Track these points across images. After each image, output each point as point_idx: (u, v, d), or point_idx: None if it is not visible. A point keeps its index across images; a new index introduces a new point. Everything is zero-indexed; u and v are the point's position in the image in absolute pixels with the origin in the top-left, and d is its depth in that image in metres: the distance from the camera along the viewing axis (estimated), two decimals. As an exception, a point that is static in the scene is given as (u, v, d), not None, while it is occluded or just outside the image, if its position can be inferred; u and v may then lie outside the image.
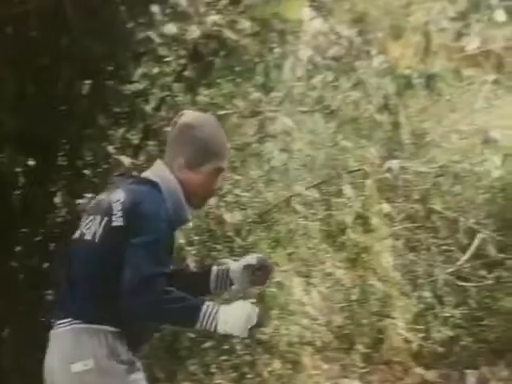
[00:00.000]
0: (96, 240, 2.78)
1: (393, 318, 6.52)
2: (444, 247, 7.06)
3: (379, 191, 6.21)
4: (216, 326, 2.72)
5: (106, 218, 2.79)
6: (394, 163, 6.16)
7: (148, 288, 2.69)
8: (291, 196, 5.96)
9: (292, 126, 5.61)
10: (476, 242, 6.94)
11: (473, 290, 7.14)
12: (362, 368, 6.60)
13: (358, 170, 6.27)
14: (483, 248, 6.95)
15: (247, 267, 3.13)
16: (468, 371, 6.52)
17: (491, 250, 6.92)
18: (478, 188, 7.24)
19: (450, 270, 6.83)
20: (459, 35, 6.02)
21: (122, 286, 2.68)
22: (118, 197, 2.83)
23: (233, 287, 3.16)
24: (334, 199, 6.19)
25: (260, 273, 3.15)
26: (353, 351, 6.46)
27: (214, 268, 3.16)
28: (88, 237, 2.80)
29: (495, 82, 6.74)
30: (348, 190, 6.11)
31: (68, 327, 2.77)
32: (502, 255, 7.12)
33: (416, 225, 6.95)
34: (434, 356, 6.91)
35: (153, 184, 2.88)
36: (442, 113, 6.99)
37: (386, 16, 5.89)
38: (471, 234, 7.03)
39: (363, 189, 6.16)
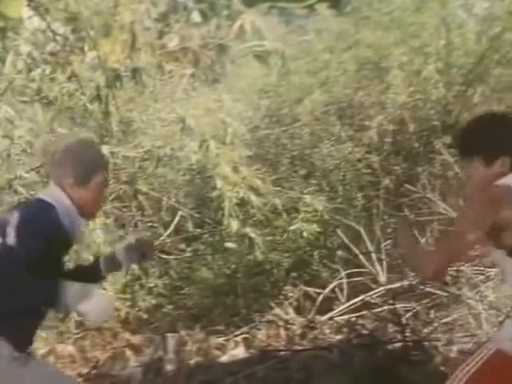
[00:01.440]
0: None
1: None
2: (150, 224, 7.42)
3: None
4: (76, 309, 3.14)
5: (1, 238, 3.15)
6: (104, 149, 6.76)
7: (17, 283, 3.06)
8: (14, 179, 6.24)
9: (13, 114, 6.06)
10: (176, 219, 7.37)
11: (174, 262, 7.58)
12: (76, 334, 6.87)
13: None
14: (183, 224, 7.42)
15: (128, 247, 3.48)
16: (169, 335, 6.65)
17: (189, 226, 7.46)
18: (178, 170, 7.63)
19: (155, 244, 6.88)
20: (161, 34, 6.60)
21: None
22: (13, 217, 3.19)
23: (122, 267, 3.55)
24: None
25: (142, 251, 3.57)
26: (67, 319, 6.72)
27: (102, 256, 3.65)
28: None
29: (192, 75, 7.19)
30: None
31: None
32: (198, 230, 7.65)
33: (124, 204, 7.28)
34: (139, 322, 7.21)
35: (44, 203, 3.26)
36: (147, 103, 7.27)
37: (96, 15, 6.28)
38: (173, 211, 7.48)
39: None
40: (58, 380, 3.47)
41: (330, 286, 6.78)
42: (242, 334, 6.73)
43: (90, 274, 3.60)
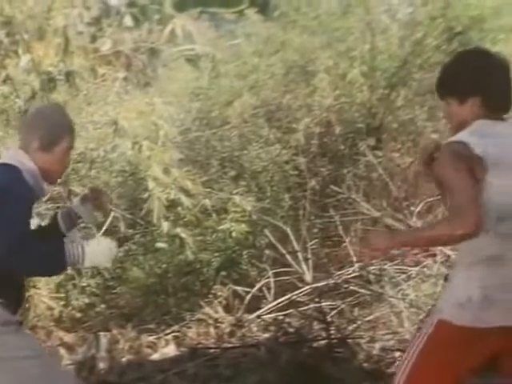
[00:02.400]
0: None
1: (38, 288, 6.91)
2: (83, 224, 6.54)
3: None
4: (84, 261, 3.21)
5: None
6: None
7: (20, 247, 3.07)
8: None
9: None
10: (109, 220, 7.33)
11: None
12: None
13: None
14: (115, 225, 7.47)
15: (84, 198, 3.59)
16: (101, 333, 6.74)
17: (122, 227, 7.50)
18: (111, 172, 7.76)
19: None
20: (94, 38, 6.71)
21: None
22: None
23: (80, 220, 3.64)
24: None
25: (97, 200, 3.66)
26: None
27: (58, 213, 3.72)
28: None
29: (125, 78, 7.36)
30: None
31: None
32: (131, 231, 7.78)
33: (58, 205, 7.13)
34: (72, 321, 7.32)
35: (10, 166, 3.28)
36: (80, 106, 7.43)
37: (30, 19, 6.40)
38: None
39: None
40: (43, 355, 3.55)
41: (258, 285, 7.00)
42: (172, 332, 6.90)
43: (54, 233, 3.66)
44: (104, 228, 7.36)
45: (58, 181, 3.72)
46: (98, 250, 3.26)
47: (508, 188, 3.16)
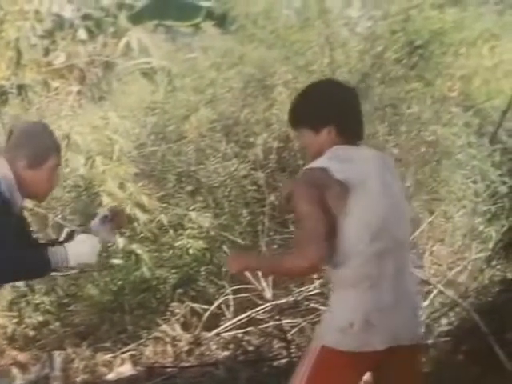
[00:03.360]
0: None
1: None
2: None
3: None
4: (68, 262, 3.33)
5: None
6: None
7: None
8: None
9: None
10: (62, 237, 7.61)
11: (60, 278, 7.57)
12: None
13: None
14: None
15: (104, 219, 3.65)
16: (55, 352, 6.78)
17: None
18: (64, 187, 7.65)
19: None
20: (47, 51, 6.76)
21: None
22: None
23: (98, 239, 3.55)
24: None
25: (116, 220, 3.73)
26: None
27: (75, 231, 3.73)
28: None
29: (79, 92, 7.40)
30: None
31: None
32: None
33: None
34: (26, 339, 7.33)
35: None
36: (33, 120, 6.68)
37: None
38: (59, 228, 7.18)
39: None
40: None
41: (217, 303, 7.02)
42: (128, 350, 6.94)
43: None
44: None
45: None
46: (81, 248, 3.35)
47: (372, 208, 3.22)
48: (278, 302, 6.78)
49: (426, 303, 6.14)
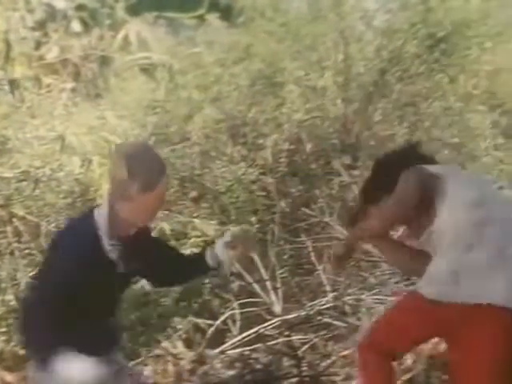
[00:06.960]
0: None
1: None
2: (27, 251, 7.23)
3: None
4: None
5: None
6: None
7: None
8: None
9: None
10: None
11: None
12: None
13: None
14: None
15: (227, 243, 3.67)
16: None
17: None
18: (58, 193, 7.49)
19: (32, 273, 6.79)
20: (39, 44, 6.56)
21: None
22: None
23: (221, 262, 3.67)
24: None
25: (239, 248, 3.65)
26: None
27: (208, 248, 3.70)
28: None
29: (73, 89, 7.24)
30: None
31: None
32: None
33: None
34: (15, 358, 7.00)
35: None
36: (24, 119, 7.22)
37: None
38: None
39: None
40: None
41: (222, 318, 6.88)
42: (127, 370, 6.79)
43: (197, 265, 3.77)
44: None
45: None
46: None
47: None
48: (288, 316, 6.65)
49: None
